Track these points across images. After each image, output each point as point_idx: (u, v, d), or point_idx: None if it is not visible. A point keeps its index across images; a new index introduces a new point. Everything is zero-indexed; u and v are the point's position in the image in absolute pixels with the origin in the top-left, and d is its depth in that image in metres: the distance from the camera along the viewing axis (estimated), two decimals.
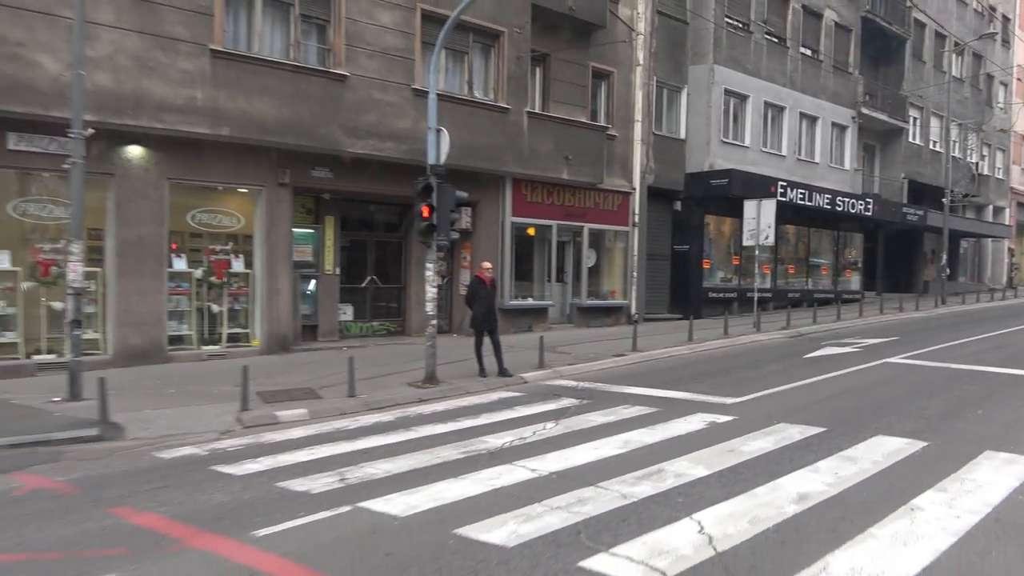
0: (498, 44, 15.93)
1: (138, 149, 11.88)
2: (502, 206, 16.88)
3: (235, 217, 13.39)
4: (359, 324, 15.65)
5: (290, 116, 12.92)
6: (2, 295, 11.26)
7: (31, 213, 11.44)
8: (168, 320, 12.49)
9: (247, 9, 12.83)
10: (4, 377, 10.80)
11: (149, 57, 11.48)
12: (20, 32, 10.41)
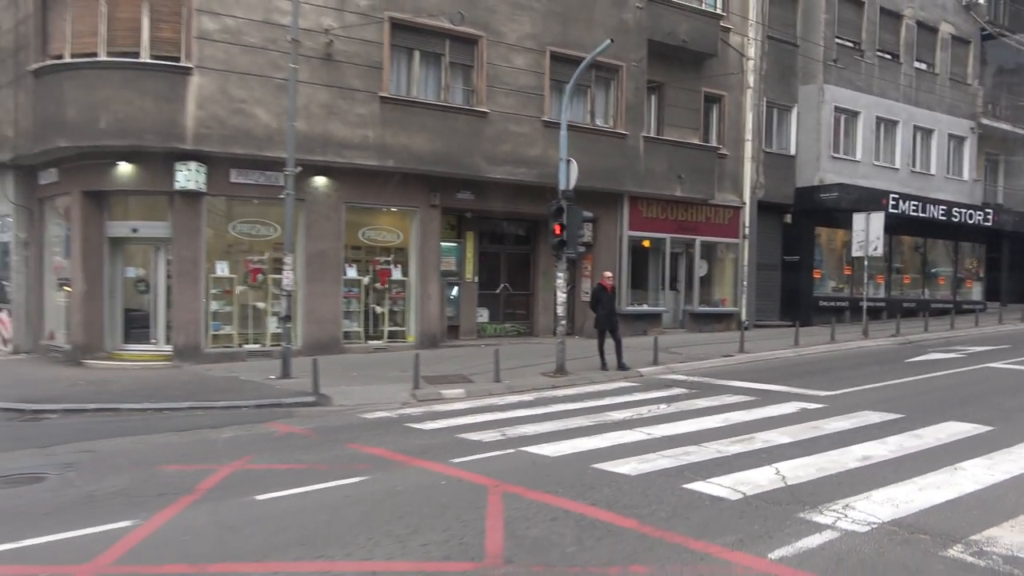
0: (617, 77, 17.83)
1: (323, 179, 14.63)
2: (620, 221, 18.71)
3: (395, 233, 15.99)
4: (493, 325, 17.92)
5: (441, 148, 15.37)
6: (221, 296, 14.25)
7: (244, 231, 14.39)
8: (343, 318, 15.18)
9: (408, 61, 15.40)
10: (223, 361, 13.74)
11: (333, 105, 14.20)
12: (243, 92, 13.34)
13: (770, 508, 5.69)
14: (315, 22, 13.72)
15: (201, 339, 13.77)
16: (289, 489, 6.20)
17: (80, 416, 9.51)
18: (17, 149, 14.21)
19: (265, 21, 13.45)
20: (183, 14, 12.96)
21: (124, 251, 14.24)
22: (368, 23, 14.32)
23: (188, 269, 13.60)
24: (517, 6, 16.12)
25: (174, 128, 12.91)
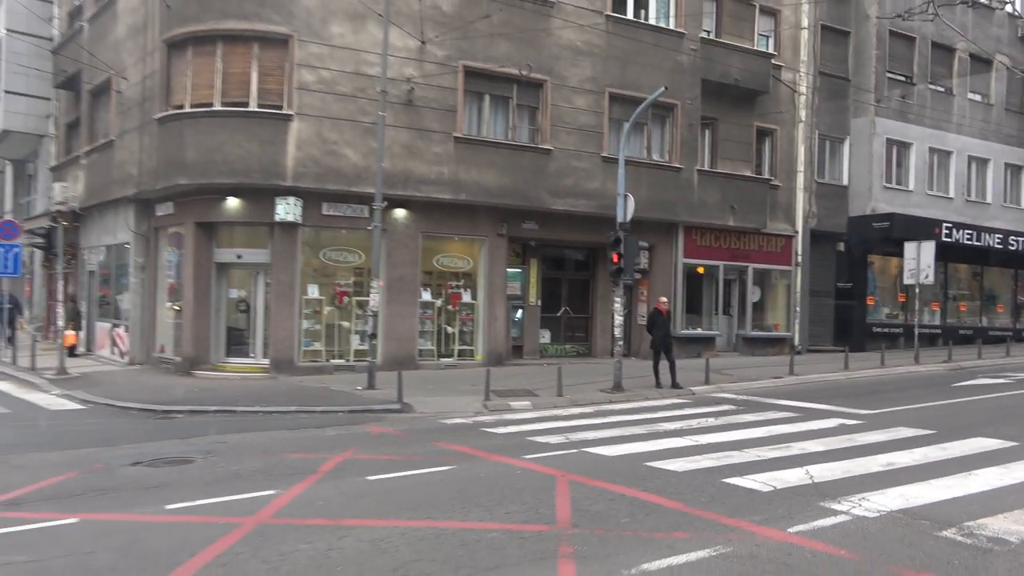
0: (672, 115, 19.04)
1: (403, 211, 16.22)
2: (675, 249, 19.80)
3: (466, 260, 17.47)
4: (555, 346, 19.16)
5: (508, 182, 16.82)
6: (311, 316, 15.91)
7: (332, 258, 16.06)
8: (418, 337, 16.66)
9: (479, 104, 16.95)
10: (312, 374, 15.34)
11: (413, 145, 15.82)
12: (335, 135, 15.07)
13: (795, 498, 6.76)
14: (398, 72, 15.38)
15: (294, 354, 15.44)
16: (392, 473, 7.57)
17: (203, 416, 11.12)
18: (140, 185, 16.24)
19: (355, 72, 15.19)
20: (286, 68, 14.80)
21: (228, 275, 16.07)
22: (445, 72, 15.94)
23: (284, 291, 15.31)
24: (579, 52, 17.54)
25: (276, 167, 14.70)
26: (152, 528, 5.84)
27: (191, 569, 4.87)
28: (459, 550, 5.30)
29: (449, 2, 16.10)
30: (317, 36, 14.91)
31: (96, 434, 9.83)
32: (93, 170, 19.04)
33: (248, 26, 14.62)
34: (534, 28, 16.83)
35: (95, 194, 18.80)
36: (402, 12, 15.22)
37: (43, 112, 25.19)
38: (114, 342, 18.32)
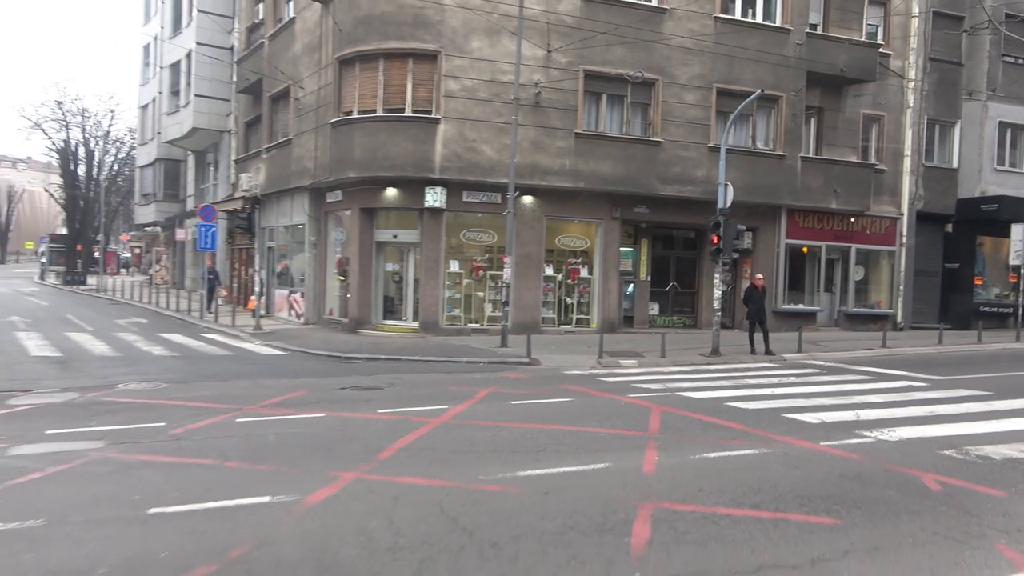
0: (777, 106, 20.53)
1: (530, 198, 18.81)
2: (778, 231, 21.36)
3: (583, 240, 19.90)
4: (663, 317, 21.30)
5: (622, 171, 19.04)
6: (452, 287, 18.88)
7: (470, 237, 18.92)
8: (541, 307, 19.31)
9: (597, 103, 19.22)
10: (452, 335, 18.30)
11: (539, 141, 18.34)
12: (474, 134, 17.83)
13: (837, 428, 8.84)
14: (528, 78, 17.89)
15: (439, 318, 18.48)
16: (528, 400, 10.24)
17: (376, 362, 14.22)
18: (315, 177, 19.70)
19: (491, 80, 17.84)
20: (435, 79, 17.66)
21: (385, 251, 19.29)
22: (567, 77, 18.32)
23: (431, 266, 18.34)
24: (688, 52, 19.40)
25: (426, 162, 17.65)
26: (374, 420, 8.75)
27: (408, 440, 7.68)
28: (579, 440, 7.86)
29: (571, 15, 18.41)
30: (460, 51, 17.67)
31: (304, 370, 13.09)
32: (273, 163, 22.85)
33: (405, 45, 17.57)
34: (647, 33, 18.85)
35: (275, 183, 22.59)
36: (531, 26, 17.68)
37: (223, 112, 29.64)
38: (291, 306, 22.14)
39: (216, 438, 7.73)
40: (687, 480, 6.48)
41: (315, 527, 5.12)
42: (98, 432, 7.81)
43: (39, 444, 7.29)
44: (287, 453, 7.11)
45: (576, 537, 5.03)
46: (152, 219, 39.99)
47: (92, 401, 9.63)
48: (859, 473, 6.86)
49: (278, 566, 4.45)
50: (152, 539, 4.85)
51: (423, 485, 6.11)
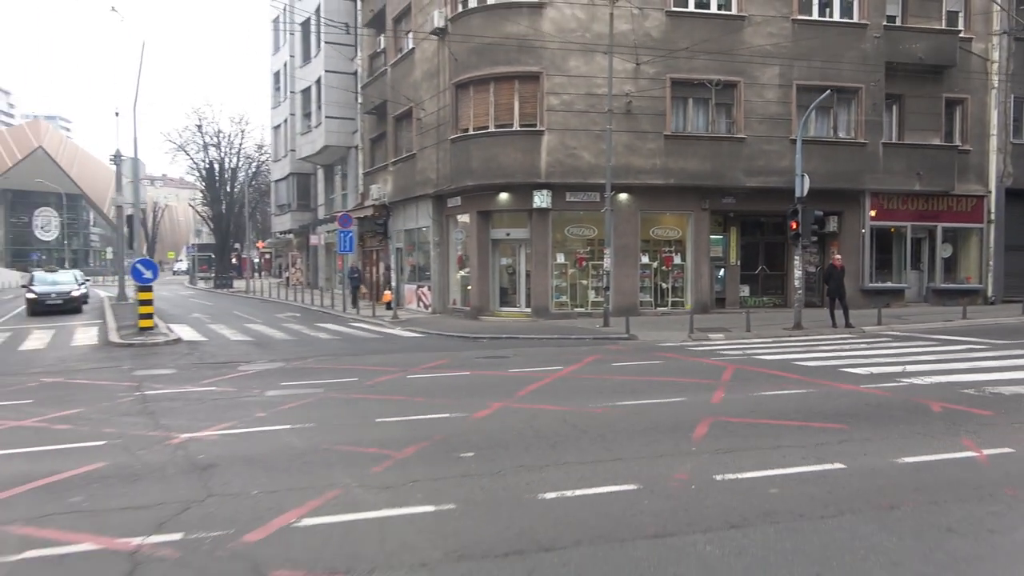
0: (857, 97, 21.94)
1: (625, 195, 21.18)
2: (862, 213, 22.74)
3: (675, 230, 22.07)
4: (753, 298, 23.14)
5: (709, 167, 21.07)
6: (559, 276, 21.52)
7: (573, 232, 21.51)
8: (639, 292, 21.65)
9: (683, 106, 21.34)
10: (560, 319, 20.92)
11: (632, 144, 20.67)
12: (574, 142, 20.39)
13: (881, 377, 10.86)
14: (619, 89, 20.25)
15: (548, 303, 21.17)
16: (626, 362, 12.74)
17: (498, 340, 17.03)
18: (437, 186, 22.81)
19: (588, 94, 20.33)
20: (538, 96, 20.34)
21: (500, 248, 22.16)
22: (655, 86, 20.56)
23: (540, 259, 21.05)
24: (768, 55, 21.18)
25: (533, 169, 20.35)
26: (506, 376, 11.51)
27: (535, 387, 10.37)
28: (665, 386, 10.34)
29: (657, 30, 20.62)
30: (559, 70, 20.25)
31: (442, 346, 16.06)
32: (399, 175, 26.22)
33: (512, 69, 20.34)
34: (728, 40, 20.79)
35: (401, 192, 25.94)
36: (621, 43, 20.01)
37: (350, 130, 33.48)
38: (419, 298, 25.44)
39: (397, 386, 10.70)
40: (742, 407, 8.85)
41: (483, 427, 7.89)
42: (315, 384, 10.95)
43: (280, 390, 10.47)
44: (452, 393, 9.96)
45: (655, 433, 7.57)
46: (287, 227, 44.82)
47: (296, 368, 12.89)
48: (880, 403, 9.00)
49: (466, 442, 7.22)
50: (384, 432, 7.75)
51: (550, 409, 8.79)
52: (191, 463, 6.65)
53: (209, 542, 4.75)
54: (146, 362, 13.91)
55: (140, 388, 10.81)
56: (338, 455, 6.87)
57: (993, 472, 6.22)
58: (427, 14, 22.72)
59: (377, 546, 4.70)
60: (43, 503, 5.58)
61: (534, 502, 5.47)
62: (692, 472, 6.16)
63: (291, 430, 7.91)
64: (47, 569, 4.46)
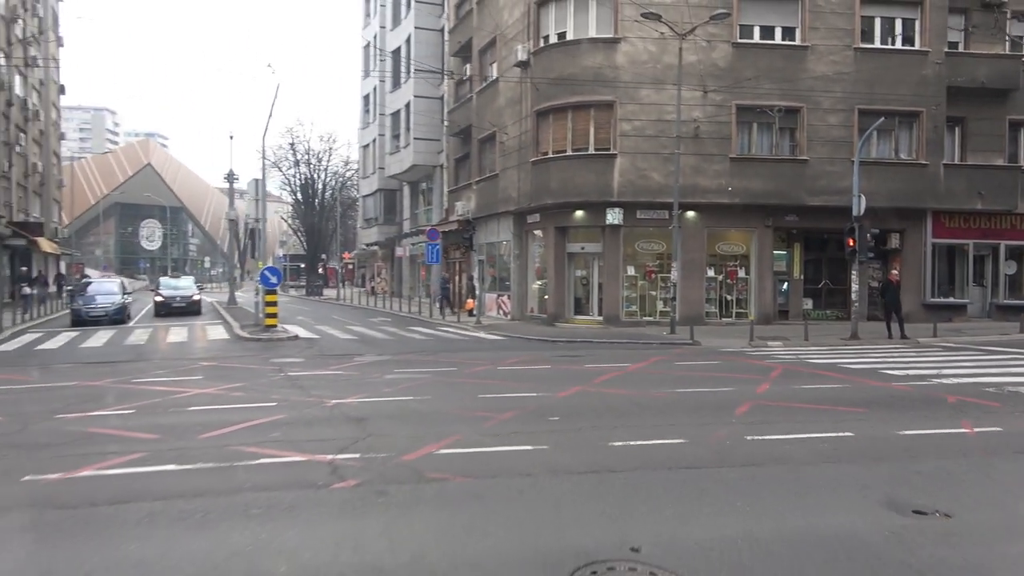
0: (918, 120, 23.00)
1: (692, 213, 22.83)
2: (924, 231, 23.68)
3: (740, 246, 23.57)
4: (816, 311, 24.33)
5: (772, 187, 22.52)
6: (629, 287, 23.30)
7: (642, 247, 23.29)
8: (704, 303, 23.21)
9: (748, 131, 22.88)
10: (630, 327, 22.68)
11: (699, 166, 22.34)
12: (644, 164, 22.22)
13: (913, 377, 12.30)
14: (687, 115, 21.96)
15: (619, 312, 22.98)
16: (687, 362, 14.48)
17: (573, 343, 18.92)
18: (518, 204, 24.98)
19: (657, 120, 22.15)
20: (612, 123, 22.28)
21: (575, 260, 24.13)
22: (721, 112, 22.20)
23: (612, 271, 22.90)
24: (831, 81, 22.52)
25: (606, 189, 22.27)
26: (583, 370, 13.42)
27: (606, 378, 12.26)
28: (719, 380, 12.08)
29: (724, 60, 22.28)
30: (631, 99, 22.15)
31: (523, 347, 18.07)
32: (482, 193, 28.55)
33: (588, 99, 22.36)
34: (791, 68, 22.26)
35: (483, 208, 28.25)
36: (689, 73, 21.75)
37: (435, 151, 36.12)
38: (499, 306, 27.64)
39: (490, 374, 12.79)
40: (782, 395, 10.54)
41: (565, 402, 9.87)
42: (422, 371, 13.15)
43: (395, 374, 12.70)
44: (537, 380, 11.98)
45: (704, 410, 9.39)
46: (374, 239, 47.95)
47: (402, 360, 15.14)
48: (903, 396, 10.55)
49: (552, 411, 9.20)
50: (486, 403, 9.80)
51: (619, 392, 10.70)
52: (347, 416, 8.87)
53: (379, 459, 6.89)
54: (277, 352, 16.49)
55: (283, 371, 13.26)
56: (454, 416, 8.98)
57: (976, 441, 7.80)
58: (511, 48, 25.00)
59: (495, 465, 6.75)
60: (253, 436, 7.87)
61: (605, 447, 7.42)
62: (728, 434, 7.98)
63: (414, 400, 10.08)
64: (279, 469, 6.68)
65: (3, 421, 8.86)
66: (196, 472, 6.56)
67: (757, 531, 5.01)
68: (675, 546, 4.73)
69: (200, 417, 8.97)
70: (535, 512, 5.47)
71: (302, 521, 5.25)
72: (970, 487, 6.26)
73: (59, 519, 5.37)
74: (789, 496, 5.91)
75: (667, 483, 6.21)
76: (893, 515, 5.37)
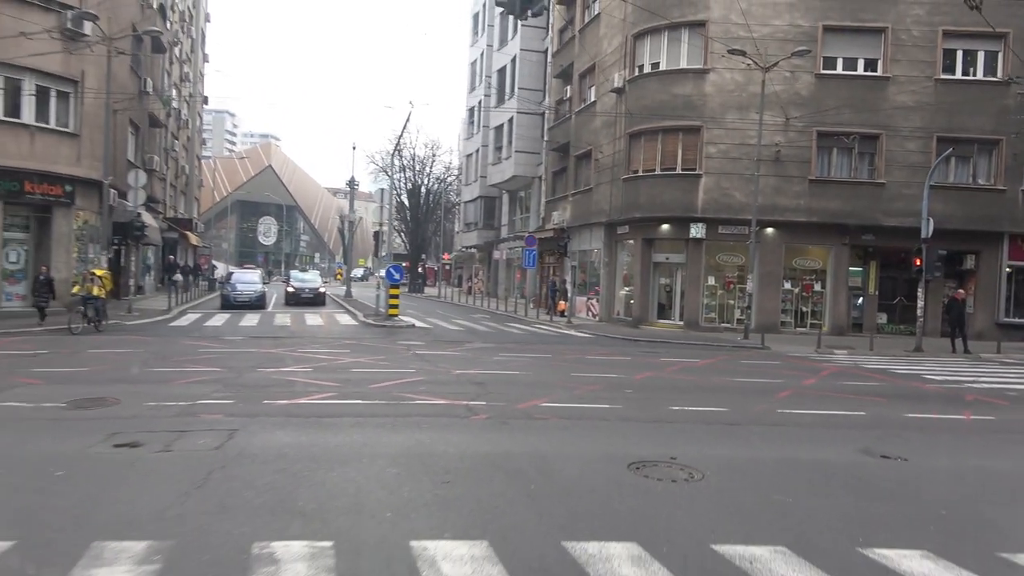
0: (997, 147, 24.05)
1: (771, 230, 24.71)
2: (1000, 254, 24.65)
3: (816, 261, 25.26)
4: (890, 325, 25.67)
5: (849, 208, 24.14)
6: (709, 295, 25.39)
7: (723, 259, 25.33)
8: (780, 313, 25.03)
9: (828, 154, 24.57)
10: (708, 332, 24.75)
11: (779, 186, 24.21)
12: (727, 183, 24.30)
13: (948, 382, 14.10)
14: (769, 140, 23.89)
15: (698, 318, 25.12)
16: (750, 361, 16.66)
17: (654, 343, 21.25)
18: (609, 216, 27.49)
19: (741, 144, 24.18)
20: (698, 145, 24.49)
21: (659, 269, 26.42)
22: (802, 138, 24.03)
23: (693, 280, 25.08)
24: (910, 110, 23.93)
25: (691, 205, 24.49)
26: (658, 361, 15.84)
27: (677, 367, 14.67)
28: (773, 374, 14.29)
29: (807, 89, 24.09)
30: (717, 124, 24.29)
31: (609, 344, 20.55)
32: (577, 204, 31.20)
33: (677, 123, 24.66)
34: (872, 97, 23.84)
35: (577, 219, 30.88)
36: (772, 101, 23.69)
37: (535, 163, 39.00)
38: (588, 308, 30.20)
39: (579, 361, 15.41)
40: (823, 387, 12.72)
41: (639, 382, 12.42)
42: (524, 355, 15.91)
43: (502, 356, 15.52)
44: (618, 366, 14.53)
45: (752, 391, 11.75)
46: (474, 243, 51.36)
47: (505, 347, 17.96)
48: (928, 393, 12.53)
49: (627, 387, 11.78)
50: (575, 379, 12.43)
51: (684, 378, 13.15)
52: (470, 381, 11.74)
53: (499, 406, 9.67)
54: (401, 336, 19.70)
55: (411, 350, 16.35)
56: (551, 384, 11.70)
57: (966, 424, 9.90)
58: (608, 75, 27.56)
59: (582, 413, 9.42)
60: (407, 389, 10.83)
61: (664, 409, 9.96)
62: (764, 408, 10.35)
63: (519, 373, 12.88)
64: (432, 407, 9.56)
65: (223, 371, 12.21)
66: (376, 405, 9.56)
67: (759, 456, 7.50)
68: (700, 459, 7.26)
69: (363, 375, 12.06)
70: (608, 437, 8.12)
71: (455, 432, 8.10)
72: (938, 447, 8.47)
73: (298, 423, 8.41)
74: (792, 442, 8.32)
75: (706, 431, 8.72)
76: (863, 456, 7.71)
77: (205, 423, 8.15)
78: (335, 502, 5.51)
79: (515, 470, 6.54)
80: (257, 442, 7.35)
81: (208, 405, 9.15)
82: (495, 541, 4.77)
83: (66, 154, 22.58)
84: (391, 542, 4.75)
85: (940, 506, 6.03)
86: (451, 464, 6.71)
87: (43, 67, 21.48)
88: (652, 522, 5.31)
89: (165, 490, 5.69)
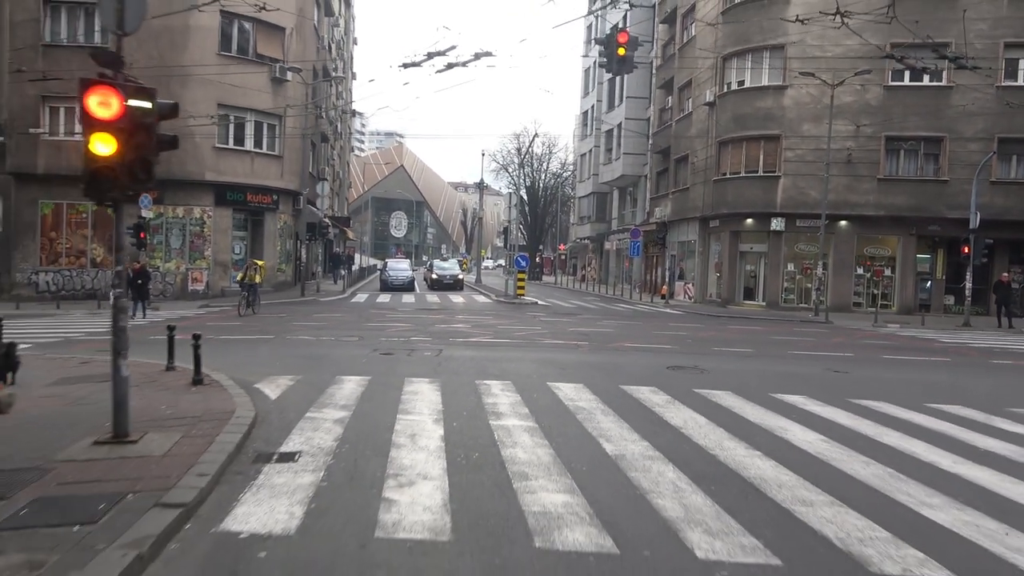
0: None
1: (844, 222, 28.45)
2: None
3: (886, 249, 28.79)
4: (957, 306, 28.78)
5: (915, 202, 27.55)
6: (789, 279, 29.44)
7: (801, 248, 29.28)
8: (852, 295, 28.78)
9: (896, 156, 28.01)
10: (787, 311, 28.85)
11: (850, 184, 27.95)
12: (803, 183, 28.29)
13: (963, 345, 18.09)
14: (842, 144, 27.65)
15: (778, 299, 29.29)
16: (807, 330, 21.07)
17: (732, 318, 25.73)
18: (702, 212, 31.96)
19: (815, 148, 28.06)
20: (777, 151, 28.60)
21: (745, 258, 30.70)
22: (872, 143, 27.66)
23: (774, 267, 29.26)
24: (973, 115, 26.99)
25: (771, 202, 28.66)
26: (726, 328, 20.56)
27: (738, 331, 19.41)
28: (816, 338, 18.79)
29: (876, 99, 27.67)
30: (794, 132, 28.31)
31: (693, 319, 25.18)
32: (676, 201, 35.78)
33: (759, 133, 28.87)
34: (936, 105, 27.11)
35: (676, 214, 35.48)
36: (844, 110, 27.42)
37: (640, 163, 43.68)
38: (685, 292, 34.81)
39: (663, 326, 20.39)
40: (842, 345, 17.20)
41: (701, 337, 17.39)
42: (620, 322, 21.03)
43: (603, 323, 20.72)
44: (689, 330, 19.43)
45: (780, 345, 16.51)
46: (587, 235, 56.53)
47: (609, 319, 23.08)
48: (936, 348, 16.72)
49: (690, 339, 16.79)
50: (655, 336, 17.53)
51: (737, 337, 17.97)
52: (579, 333, 17.15)
53: (597, 343, 14.99)
54: (527, 311, 25.36)
55: (536, 318, 21.90)
56: (635, 336, 16.93)
57: (945, 365, 14.30)
58: (703, 90, 32.00)
59: (649, 347, 14.62)
60: (537, 336, 16.34)
61: (708, 349, 14.97)
62: (783, 351, 15.11)
63: (614, 332, 18.16)
64: (555, 343, 15.03)
65: (414, 326, 18.16)
66: (519, 343, 15.16)
67: (762, 370, 12.49)
68: (718, 368, 12.29)
69: (506, 329, 17.75)
70: (662, 357, 13.32)
71: (569, 353, 13.56)
72: (897, 369, 13.08)
73: (476, 346, 14.05)
74: (790, 363, 13.22)
75: (729, 356, 13.71)
76: (833, 372, 12.49)
77: (421, 347, 13.99)
78: (508, 371, 11.09)
79: (600, 366, 11.92)
80: (456, 354, 13.08)
81: (417, 341, 15.03)
82: (587, 384, 10.17)
83: (274, 171, 29.72)
84: (537, 383, 10.23)
85: (848, 392, 10.86)
86: (567, 364, 12.15)
87: (258, 106, 28.60)
88: (667, 383, 10.53)
89: (424, 367, 11.45)
